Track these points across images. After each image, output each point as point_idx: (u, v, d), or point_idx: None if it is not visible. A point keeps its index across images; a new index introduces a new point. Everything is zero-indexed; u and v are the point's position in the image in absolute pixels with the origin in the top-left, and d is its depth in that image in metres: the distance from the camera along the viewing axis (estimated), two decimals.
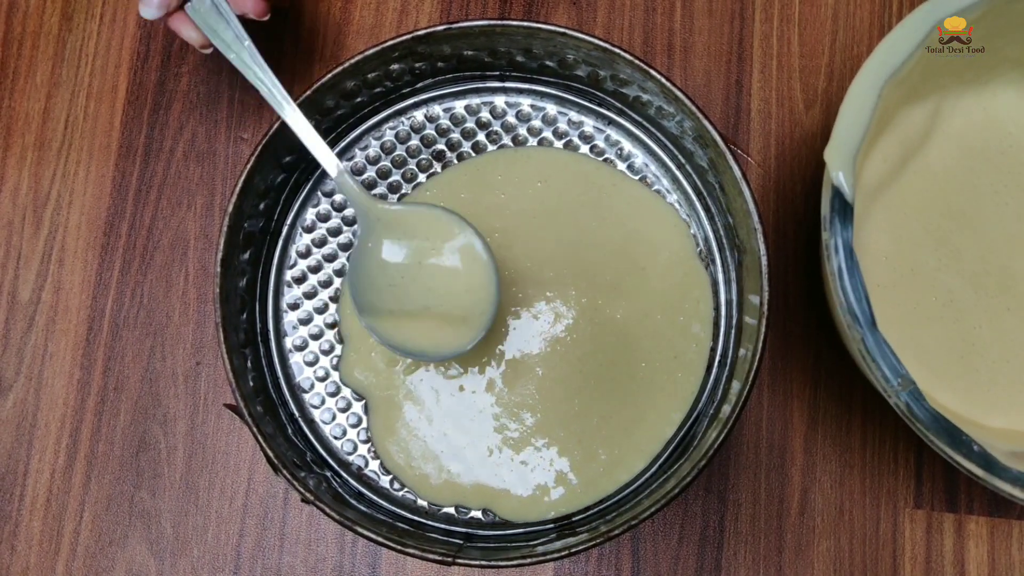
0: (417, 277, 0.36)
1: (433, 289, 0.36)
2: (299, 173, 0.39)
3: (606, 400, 0.38)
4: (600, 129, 0.40)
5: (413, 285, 0.36)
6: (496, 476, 0.37)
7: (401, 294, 0.36)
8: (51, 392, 0.40)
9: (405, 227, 0.36)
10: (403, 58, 0.38)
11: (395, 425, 0.38)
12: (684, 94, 0.35)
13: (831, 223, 0.32)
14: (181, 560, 0.39)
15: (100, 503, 0.39)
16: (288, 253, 0.39)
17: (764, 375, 0.40)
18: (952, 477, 0.39)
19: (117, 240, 0.42)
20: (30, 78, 0.43)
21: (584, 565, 0.39)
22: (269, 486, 0.40)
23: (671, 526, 0.39)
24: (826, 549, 0.39)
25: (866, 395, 0.40)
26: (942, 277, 0.38)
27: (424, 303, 0.36)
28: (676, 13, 0.43)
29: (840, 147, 0.32)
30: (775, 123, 0.42)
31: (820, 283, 0.37)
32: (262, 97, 0.35)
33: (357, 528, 0.32)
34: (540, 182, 0.39)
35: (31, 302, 0.41)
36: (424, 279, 0.36)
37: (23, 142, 0.43)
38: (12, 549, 0.39)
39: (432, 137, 0.40)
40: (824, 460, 0.39)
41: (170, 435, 0.40)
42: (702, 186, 0.39)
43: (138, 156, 0.42)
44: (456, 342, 0.36)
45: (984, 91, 0.39)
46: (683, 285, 0.38)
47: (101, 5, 0.44)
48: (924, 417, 0.30)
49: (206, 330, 0.41)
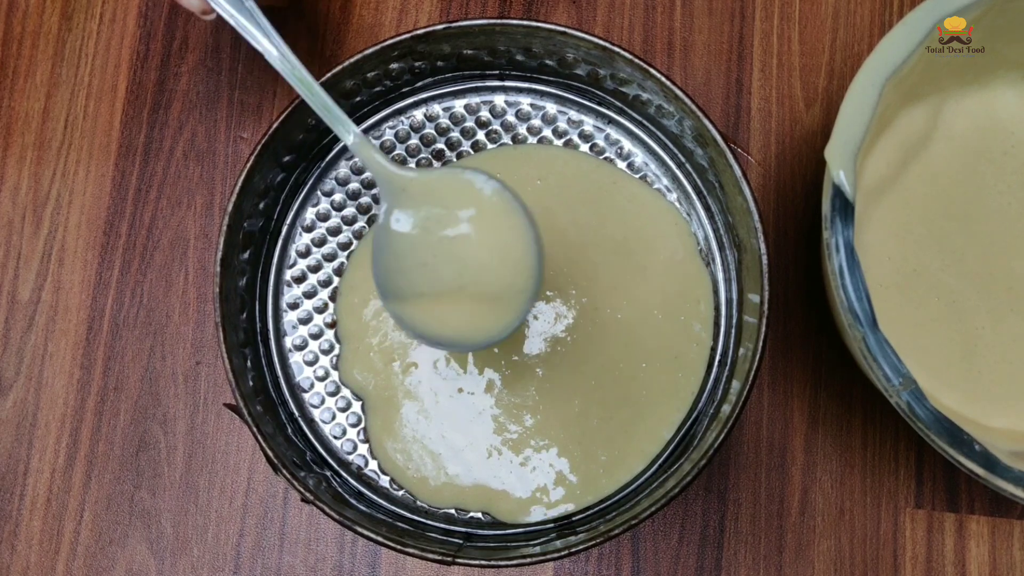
0: (451, 251, 0.32)
1: (468, 264, 0.32)
2: (299, 172, 0.39)
3: (606, 401, 0.37)
4: (600, 128, 0.40)
5: (446, 262, 0.32)
6: (496, 478, 0.37)
7: (432, 273, 0.32)
8: (51, 392, 0.40)
9: (434, 195, 0.32)
10: (402, 57, 0.38)
11: (393, 427, 0.38)
12: (684, 93, 0.35)
13: (832, 222, 0.31)
14: (181, 560, 0.39)
15: (100, 503, 0.39)
16: (288, 253, 0.39)
17: (764, 375, 0.40)
18: (953, 477, 0.39)
19: (117, 240, 0.42)
20: (30, 78, 0.43)
21: (584, 565, 0.39)
22: (269, 486, 0.40)
23: (671, 526, 0.39)
24: (826, 549, 0.39)
25: (867, 395, 0.40)
26: (945, 278, 0.38)
27: (459, 282, 0.32)
28: (676, 12, 0.43)
29: (840, 146, 0.32)
30: (775, 122, 0.42)
31: (820, 283, 0.37)
32: (270, 69, 0.32)
33: (357, 528, 0.32)
34: (539, 180, 0.39)
35: (31, 302, 0.41)
36: (458, 253, 0.32)
37: (23, 142, 0.43)
38: (12, 548, 0.39)
39: (432, 136, 0.40)
40: (825, 460, 0.39)
41: (170, 435, 0.40)
42: (702, 185, 0.39)
43: (138, 156, 0.42)
44: (497, 323, 0.32)
45: (985, 92, 0.39)
46: (684, 284, 0.38)
47: (101, 5, 0.44)
48: (925, 416, 0.30)
49: (206, 330, 0.41)
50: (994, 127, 0.39)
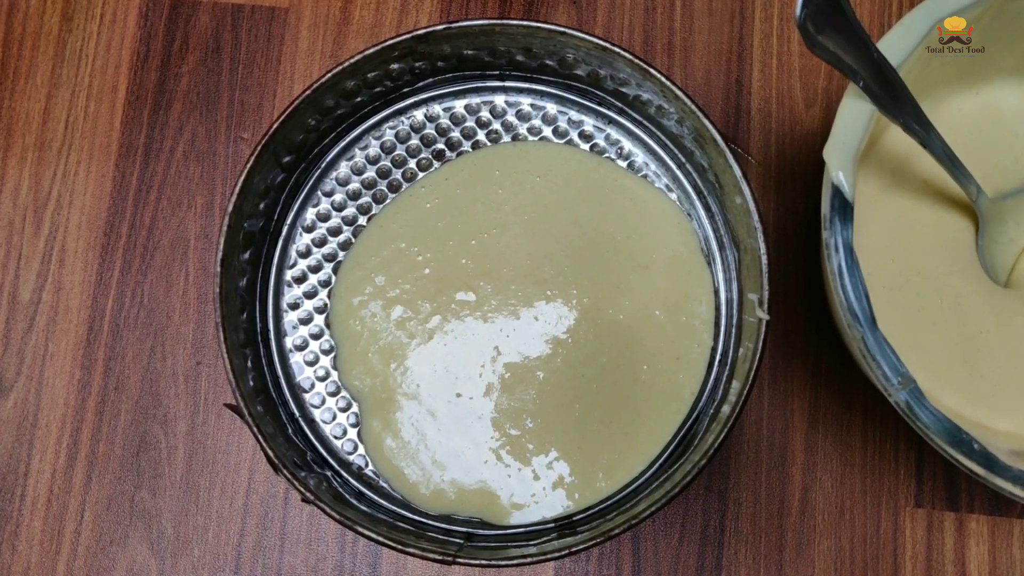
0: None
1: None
2: (299, 173, 0.40)
3: (607, 404, 0.37)
4: (600, 128, 0.40)
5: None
6: (494, 483, 0.37)
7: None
8: (52, 392, 0.40)
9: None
10: (403, 57, 0.38)
11: (390, 431, 0.37)
12: (684, 93, 0.35)
13: (831, 222, 0.31)
14: (182, 560, 0.39)
15: (101, 503, 0.40)
16: (288, 253, 0.39)
17: (764, 374, 0.40)
18: (953, 476, 0.39)
19: (117, 240, 0.42)
20: (30, 79, 0.43)
21: (584, 565, 0.39)
22: (269, 486, 0.40)
23: (672, 525, 0.39)
24: (827, 548, 0.39)
25: (866, 394, 0.40)
26: (949, 279, 0.38)
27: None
28: (676, 12, 0.43)
29: (839, 146, 0.32)
30: (775, 122, 0.42)
31: (820, 282, 0.37)
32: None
33: (357, 528, 0.32)
34: (539, 177, 0.39)
35: (32, 302, 0.41)
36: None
37: (23, 142, 0.43)
38: (13, 549, 0.39)
39: (432, 136, 0.40)
40: (825, 459, 0.39)
41: (170, 435, 0.40)
42: (702, 185, 0.39)
43: (138, 156, 0.42)
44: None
45: (986, 92, 0.39)
46: (687, 283, 0.38)
47: (101, 5, 0.44)
48: (924, 416, 0.30)
49: (206, 330, 0.41)
50: (996, 127, 0.39)
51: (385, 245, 0.39)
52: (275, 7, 0.43)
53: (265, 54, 0.43)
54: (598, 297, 0.38)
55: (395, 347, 0.38)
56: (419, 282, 0.39)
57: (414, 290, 0.38)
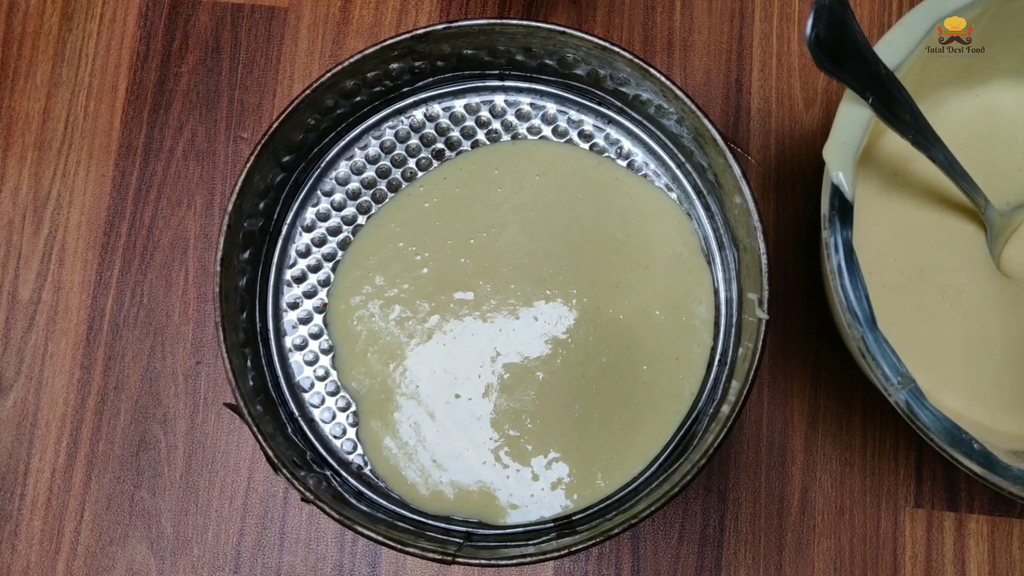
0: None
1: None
2: (299, 173, 0.39)
3: (607, 404, 0.37)
4: (600, 128, 0.40)
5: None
6: (493, 484, 0.37)
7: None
8: (51, 392, 0.40)
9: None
10: (403, 57, 0.38)
11: (389, 431, 0.37)
12: (684, 93, 0.35)
13: (831, 222, 0.31)
14: (181, 559, 0.39)
15: (100, 502, 0.40)
16: (288, 252, 0.39)
17: (764, 374, 0.40)
18: (952, 476, 0.39)
19: (117, 240, 0.42)
20: (30, 78, 0.43)
21: (584, 564, 0.39)
22: (269, 485, 0.40)
23: (671, 525, 0.39)
24: (826, 548, 0.39)
25: (866, 394, 0.40)
26: (952, 277, 0.38)
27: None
28: (676, 12, 0.43)
29: (839, 146, 0.32)
30: (775, 122, 0.42)
31: (820, 282, 0.37)
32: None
33: (357, 527, 0.32)
34: (538, 176, 0.39)
35: (31, 302, 0.41)
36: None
37: (23, 142, 0.43)
38: (13, 548, 0.39)
39: (432, 136, 0.40)
40: (824, 459, 0.39)
41: (170, 434, 0.40)
42: (701, 185, 0.39)
43: (138, 156, 0.42)
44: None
45: (985, 94, 0.39)
46: (687, 283, 0.38)
47: (101, 5, 0.44)
48: (924, 415, 0.30)
49: (206, 329, 0.41)
50: (997, 128, 0.39)
51: (383, 245, 0.39)
52: (275, 7, 0.43)
53: (265, 54, 0.43)
54: (598, 297, 0.38)
55: (394, 347, 0.38)
56: (418, 281, 0.38)
57: (413, 290, 0.38)
